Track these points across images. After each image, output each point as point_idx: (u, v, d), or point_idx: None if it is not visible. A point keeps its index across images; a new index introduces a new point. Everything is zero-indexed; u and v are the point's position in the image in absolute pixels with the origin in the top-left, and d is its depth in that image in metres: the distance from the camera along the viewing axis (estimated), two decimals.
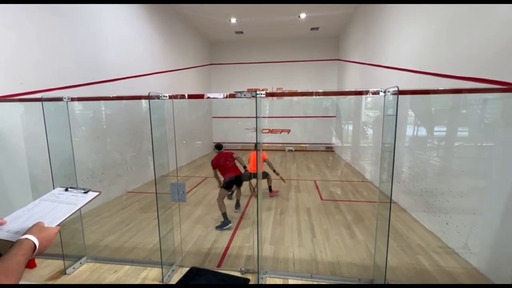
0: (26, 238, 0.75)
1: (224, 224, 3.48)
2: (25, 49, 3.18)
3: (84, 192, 1.06)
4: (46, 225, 0.84)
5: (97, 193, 1.07)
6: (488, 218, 2.45)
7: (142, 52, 5.86)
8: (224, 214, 3.54)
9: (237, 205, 4.15)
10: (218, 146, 4.07)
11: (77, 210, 0.97)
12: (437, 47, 3.40)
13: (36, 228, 0.80)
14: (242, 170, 3.95)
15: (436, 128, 3.65)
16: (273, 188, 4.80)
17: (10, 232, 0.81)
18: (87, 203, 1.02)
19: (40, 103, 2.38)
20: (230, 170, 3.81)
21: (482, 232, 2.54)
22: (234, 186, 3.98)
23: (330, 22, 8.52)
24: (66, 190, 1.08)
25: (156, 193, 2.34)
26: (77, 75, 3.97)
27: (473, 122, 2.86)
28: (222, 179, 3.85)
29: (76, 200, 1.01)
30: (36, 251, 0.76)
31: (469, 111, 2.95)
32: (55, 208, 0.96)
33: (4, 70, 2.94)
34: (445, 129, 3.43)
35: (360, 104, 7.03)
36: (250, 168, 4.30)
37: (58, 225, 0.88)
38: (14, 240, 0.75)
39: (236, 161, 3.95)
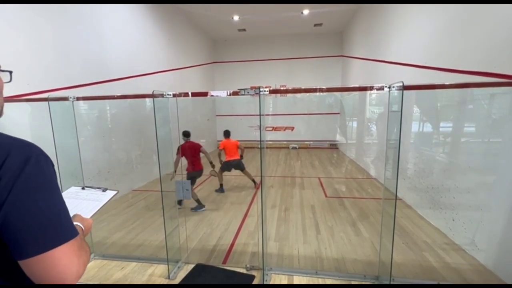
0: (77, 224, 0.79)
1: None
2: (31, 50, 3.22)
3: (103, 191, 1.07)
4: None
5: (115, 192, 1.08)
6: (495, 214, 2.42)
7: (146, 52, 5.89)
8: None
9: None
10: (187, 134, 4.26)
11: (103, 206, 0.99)
12: (443, 41, 3.34)
13: (78, 217, 0.85)
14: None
15: (442, 124, 3.61)
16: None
17: None
18: (110, 200, 1.03)
19: (46, 103, 2.41)
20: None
21: (489, 228, 2.50)
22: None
23: (333, 18, 8.44)
24: (83, 189, 1.09)
25: (161, 191, 2.36)
26: (83, 75, 4.01)
27: (480, 117, 2.81)
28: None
29: (97, 197, 1.02)
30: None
31: (476, 106, 2.91)
32: (80, 204, 0.97)
33: (12, 71, 2.98)
34: (451, 124, 3.39)
35: (364, 101, 6.97)
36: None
37: (90, 217, 0.91)
38: None
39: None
